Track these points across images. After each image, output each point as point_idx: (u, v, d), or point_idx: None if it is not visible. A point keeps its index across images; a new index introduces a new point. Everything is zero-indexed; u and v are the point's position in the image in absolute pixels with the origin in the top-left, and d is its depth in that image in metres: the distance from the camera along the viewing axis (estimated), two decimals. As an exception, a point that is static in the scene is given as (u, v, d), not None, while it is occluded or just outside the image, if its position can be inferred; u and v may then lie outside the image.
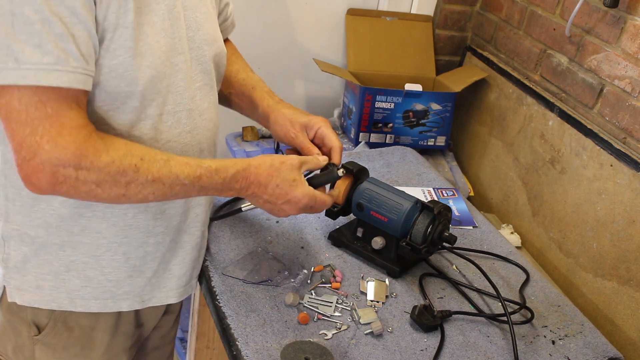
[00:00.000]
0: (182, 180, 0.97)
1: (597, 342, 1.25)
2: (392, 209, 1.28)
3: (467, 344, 1.18)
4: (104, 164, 0.90)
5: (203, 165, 1.00)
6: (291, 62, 2.11)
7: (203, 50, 1.08)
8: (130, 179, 0.93)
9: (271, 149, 1.95)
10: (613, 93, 1.56)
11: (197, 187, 1.00)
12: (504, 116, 1.93)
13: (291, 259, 1.32)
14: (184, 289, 1.21)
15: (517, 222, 1.85)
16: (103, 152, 0.91)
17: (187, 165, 0.98)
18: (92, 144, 0.90)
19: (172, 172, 0.96)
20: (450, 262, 1.40)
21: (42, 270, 1.07)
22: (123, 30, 0.91)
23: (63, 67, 0.85)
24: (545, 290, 1.37)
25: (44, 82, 0.85)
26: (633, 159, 1.46)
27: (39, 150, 0.86)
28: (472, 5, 2.11)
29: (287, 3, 2.02)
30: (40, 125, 0.86)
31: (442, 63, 2.18)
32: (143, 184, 0.94)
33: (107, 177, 0.91)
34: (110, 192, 0.93)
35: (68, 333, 1.12)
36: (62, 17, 0.84)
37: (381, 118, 1.92)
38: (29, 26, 0.83)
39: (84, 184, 0.90)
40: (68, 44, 0.85)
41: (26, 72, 0.84)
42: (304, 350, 1.07)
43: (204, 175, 1.00)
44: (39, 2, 0.82)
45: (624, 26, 1.52)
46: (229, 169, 1.03)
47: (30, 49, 0.83)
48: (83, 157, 0.89)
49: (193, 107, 1.07)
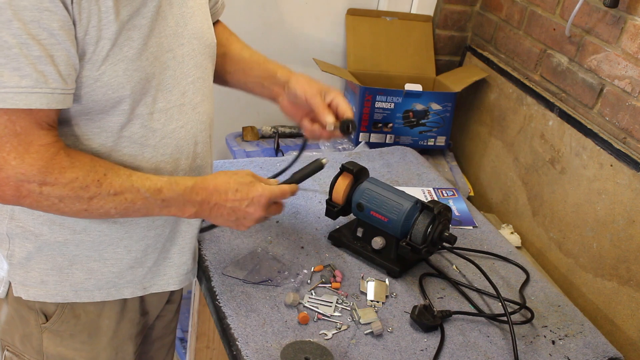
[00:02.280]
0: (143, 194, 0.99)
1: (597, 342, 1.25)
2: (392, 209, 1.28)
3: (467, 344, 1.18)
4: (68, 181, 0.94)
5: (163, 179, 1.03)
6: (291, 62, 2.11)
7: (193, 45, 1.08)
8: (92, 194, 0.96)
9: (271, 149, 1.95)
10: (613, 93, 1.56)
11: (158, 200, 1.01)
12: (504, 116, 1.93)
13: (291, 259, 1.32)
14: (184, 276, 1.22)
15: (517, 222, 1.85)
16: (68, 169, 0.94)
17: (148, 179, 1.01)
18: (58, 161, 0.93)
19: (133, 185, 0.99)
20: (450, 262, 1.40)
21: (46, 266, 1.08)
22: (105, 42, 0.92)
23: (41, 89, 0.88)
24: (545, 290, 1.37)
25: (22, 105, 0.87)
26: (633, 159, 1.46)
27: (5, 165, 0.90)
28: (472, 5, 2.11)
29: (287, 3, 2.02)
30: (8, 142, 0.89)
31: (442, 63, 2.18)
32: (105, 198, 0.97)
33: (70, 193, 0.94)
34: (72, 207, 0.96)
35: (75, 320, 1.13)
36: (41, 40, 0.86)
37: (381, 118, 1.92)
38: (7, 50, 0.84)
39: (47, 199, 0.94)
40: (47, 65, 0.87)
41: (4, 96, 0.86)
42: (304, 350, 1.07)
43: (164, 187, 1.02)
44: (16, 26, 0.84)
45: (624, 26, 1.52)
46: (187, 180, 1.05)
47: (8, 72, 0.85)
48: (48, 174, 0.92)
49: (185, 102, 1.08)
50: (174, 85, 1.05)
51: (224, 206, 1.08)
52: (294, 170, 1.26)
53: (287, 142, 1.99)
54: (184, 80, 1.07)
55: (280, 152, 1.92)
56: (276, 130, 2.01)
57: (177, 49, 1.04)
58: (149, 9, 0.97)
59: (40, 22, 0.85)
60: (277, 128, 2.02)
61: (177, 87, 1.05)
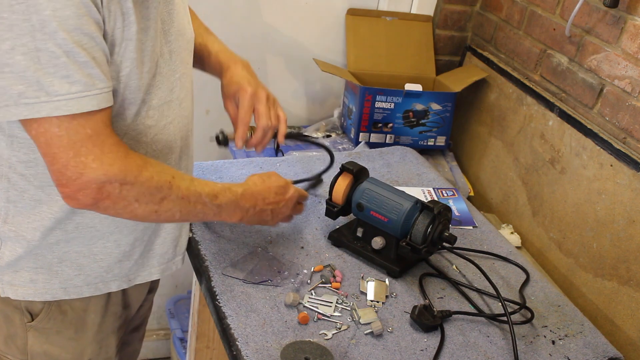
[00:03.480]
0: (203, 199, 1.06)
1: (597, 342, 1.25)
2: (392, 209, 1.28)
3: (467, 344, 1.18)
4: (145, 179, 0.97)
5: (218, 185, 1.10)
6: (291, 62, 2.11)
7: (178, 42, 1.10)
8: (164, 194, 1.00)
9: (271, 149, 1.94)
10: (613, 93, 1.56)
11: (214, 206, 1.08)
12: (504, 116, 1.93)
13: (291, 259, 1.32)
14: (166, 265, 1.24)
15: (517, 222, 1.85)
16: (143, 168, 0.97)
17: (207, 185, 1.08)
18: (133, 160, 0.96)
19: (196, 190, 1.05)
20: (450, 262, 1.40)
21: (35, 265, 1.08)
22: (128, 42, 0.95)
23: (91, 91, 0.90)
24: (545, 290, 1.37)
25: (75, 110, 0.89)
26: (633, 159, 1.46)
27: (86, 169, 0.91)
28: (472, 5, 2.11)
29: (287, 3, 2.02)
30: (84, 146, 0.91)
31: (442, 63, 2.18)
32: (174, 200, 1.01)
33: (146, 192, 0.98)
34: (145, 208, 0.99)
35: (62, 317, 1.14)
36: (84, 45, 0.88)
37: (381, 118, 1.92)
38: (55, 59, 0.86)
39: (124, 199, 0.96)
40: (92, 68, 0.90)
41: (58, 104, 0.88)
42: (304, 350, 1.07)
43: (220, 193, 1.09)
44: (61, 36, 0.86)
45: (624, 26, 1.52)
46: (238, 187, 1.15)
47: (58, 80, 0.87)
48: (128, 172, 0.95)
49: (172, 98, 1.09)
50: (164, 82, 1.06)
51: (266, 210, 1.20)
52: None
53: (287, 142, 1.99)
54: (172, 76, 1.09)
55: (280, 152, 1.92)
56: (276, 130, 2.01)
57: (164, 47, 1.06)
58: (151, 11, 0.98)
59: (82, 28, 0.87)
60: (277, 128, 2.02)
61: (166, 84, 1.07)
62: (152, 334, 2.41)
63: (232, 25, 1.98)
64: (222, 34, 1.97)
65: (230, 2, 1.95)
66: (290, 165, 1.67)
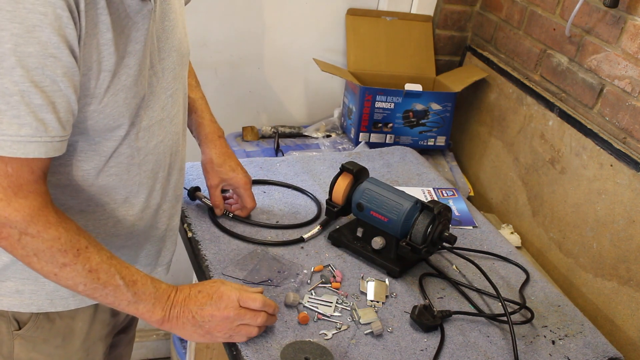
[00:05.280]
0: (117, 281, 0.96)
1: (597, 342, 1.25)
2: (392, 209, 1.28)
3: (467, 344, 1.18)
4: (50, 237, 0.90)
5: (141, 273, 0.99)
6: (291, 62, 2.11)
7: (172, 58, 1.07)
8: (67, 261, 0.92)
9: (271, 149, 1.95)
10: (613, 93, 1.56)
11: (130, 292, 0.97)
12: (504, 116, 1.93)
13: (291, 259, 1.32)
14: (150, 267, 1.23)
15: (517, 222, 1.85)
16: (53, 226, 0.90)
17: (127, 268, 0.98)
18: (45, 215, 0.89)
19: (110, 268, 0.95)
20: (450, 262, 1.40)
21: (22, 275, 1.06)
22: (106, 74, 0.91)
23: (41, 137, 0.85)
24: (545, 290, 1.37)
25: (20, 154, 0.84)
26: (633, 159, 1.46)
27: None
28: (472, 5, 2.11)
29: (287, 3, 2.02)
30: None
31: (442, 63, 2.18)
32: (78, 271, 0.93)
33: (47, 251, 0.90)
34: (44, 266, 0.92)
35: (50, 325, 1.12)
36: (44, 87, 0.83)
37: (381, 118, 1.92)
38: (8, 97, 0.81)
39: (23, 248, 0.90)
40: (47, 114, 0.84)
41: (2, 143, 0.83)
42: (304, 350, 1.07)
43: (139, 280, 0.98)
44: (19, 73, 0.81)
45: (624, 26, 1.52)
46: (162, 282, 1.02)
47: (8, 119, 0.82)
48: (32, 224, 0.88)
49: (164, 116, 1.07)
50: (155, 101, 1.04)
51: (201, 303, 1.03)
52: None
53: (287, 142, 1.99)
54: (164, 94, 1.06)
55: (280, 152, 1.92)
56: (276, 130, 2.01)
57: (157, 65, 1.03)
58: (141, 33, 0.95)
59: (45, 69, 0.82)
60: (277, 128, 2.02)
61: (157, 102, 1.05)
62: (152, 334, 2.41)
63: (232, 25, 1.98)
64: (223, 34, 1.98)
65: (230, 2, 1.95)
66: (290, 165, 1.67)
